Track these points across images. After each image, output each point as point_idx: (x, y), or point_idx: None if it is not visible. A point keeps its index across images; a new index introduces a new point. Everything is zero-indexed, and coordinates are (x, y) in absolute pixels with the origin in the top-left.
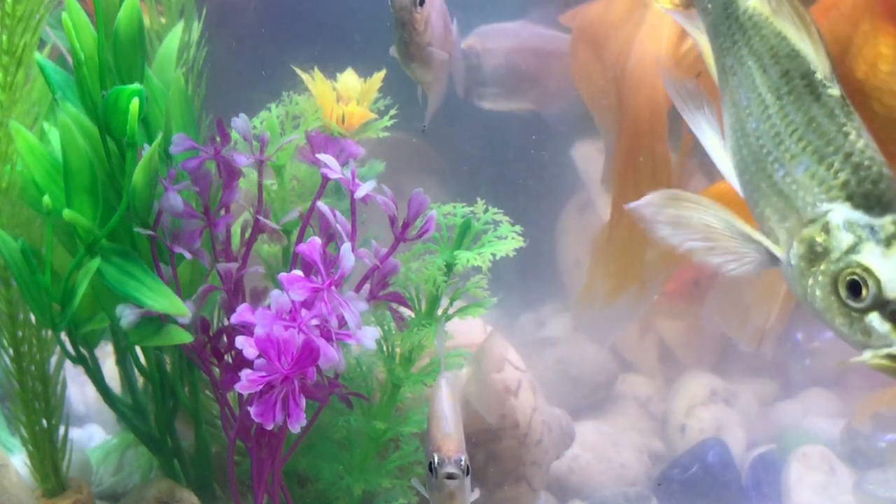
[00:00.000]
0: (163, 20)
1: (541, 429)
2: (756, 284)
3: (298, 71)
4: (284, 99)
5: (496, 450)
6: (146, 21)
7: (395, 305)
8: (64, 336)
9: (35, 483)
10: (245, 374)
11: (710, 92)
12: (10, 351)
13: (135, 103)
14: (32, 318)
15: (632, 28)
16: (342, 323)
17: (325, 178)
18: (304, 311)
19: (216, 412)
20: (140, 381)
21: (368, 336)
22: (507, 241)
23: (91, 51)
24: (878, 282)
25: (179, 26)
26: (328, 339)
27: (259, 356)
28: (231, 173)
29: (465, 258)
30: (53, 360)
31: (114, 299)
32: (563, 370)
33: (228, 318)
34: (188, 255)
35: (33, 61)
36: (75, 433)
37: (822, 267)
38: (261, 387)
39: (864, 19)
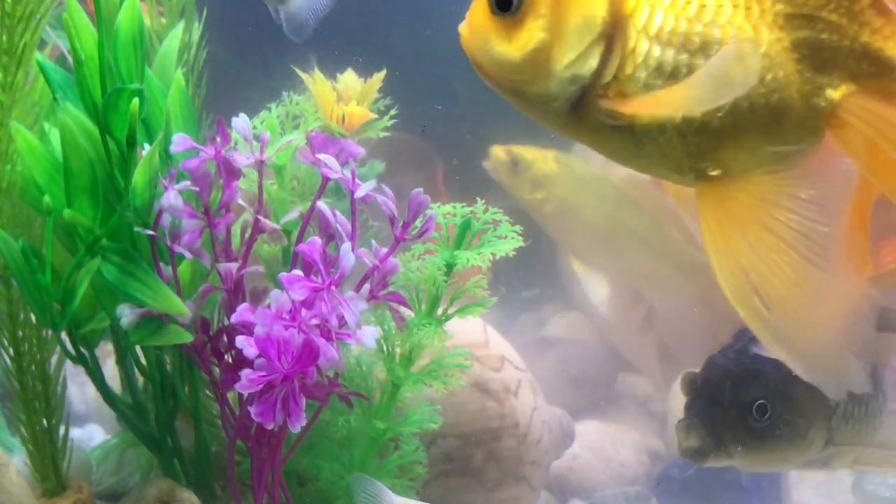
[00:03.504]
0: (163, 20)
1: (541, 429)
2: None
3: (298, 71)
4: (284, 99)
5: (496, 450)
6: (147, 21)
7: (395, 305)
8: (64, 336)
9: (35, 483)
10: (245, 373)
11: None
12: (11, 350)
13: (135, 103)
14: (32, 317)
15: None
16: (342, 323)
17: (325, 178)
18: (304, 311)
19: (216, 412)
20: (140, 380)
21: (368, 336)
22: (507, 240)
23: (91, 51)
24: None
25: (180, 26)
26: (328, 338)
27: (259, 356)
28: (231, 173)
29: (465, 258)
30: (54, 359)
31: (114, 299)
32: (563, 370)
33: (228, 318)
34: (188, 255)
35: (33, 61)
36: (75, 433)
37: None
38: (261, 386)
39: None
